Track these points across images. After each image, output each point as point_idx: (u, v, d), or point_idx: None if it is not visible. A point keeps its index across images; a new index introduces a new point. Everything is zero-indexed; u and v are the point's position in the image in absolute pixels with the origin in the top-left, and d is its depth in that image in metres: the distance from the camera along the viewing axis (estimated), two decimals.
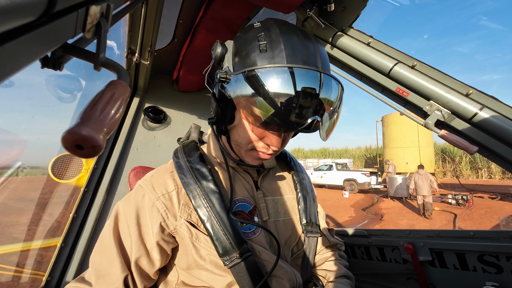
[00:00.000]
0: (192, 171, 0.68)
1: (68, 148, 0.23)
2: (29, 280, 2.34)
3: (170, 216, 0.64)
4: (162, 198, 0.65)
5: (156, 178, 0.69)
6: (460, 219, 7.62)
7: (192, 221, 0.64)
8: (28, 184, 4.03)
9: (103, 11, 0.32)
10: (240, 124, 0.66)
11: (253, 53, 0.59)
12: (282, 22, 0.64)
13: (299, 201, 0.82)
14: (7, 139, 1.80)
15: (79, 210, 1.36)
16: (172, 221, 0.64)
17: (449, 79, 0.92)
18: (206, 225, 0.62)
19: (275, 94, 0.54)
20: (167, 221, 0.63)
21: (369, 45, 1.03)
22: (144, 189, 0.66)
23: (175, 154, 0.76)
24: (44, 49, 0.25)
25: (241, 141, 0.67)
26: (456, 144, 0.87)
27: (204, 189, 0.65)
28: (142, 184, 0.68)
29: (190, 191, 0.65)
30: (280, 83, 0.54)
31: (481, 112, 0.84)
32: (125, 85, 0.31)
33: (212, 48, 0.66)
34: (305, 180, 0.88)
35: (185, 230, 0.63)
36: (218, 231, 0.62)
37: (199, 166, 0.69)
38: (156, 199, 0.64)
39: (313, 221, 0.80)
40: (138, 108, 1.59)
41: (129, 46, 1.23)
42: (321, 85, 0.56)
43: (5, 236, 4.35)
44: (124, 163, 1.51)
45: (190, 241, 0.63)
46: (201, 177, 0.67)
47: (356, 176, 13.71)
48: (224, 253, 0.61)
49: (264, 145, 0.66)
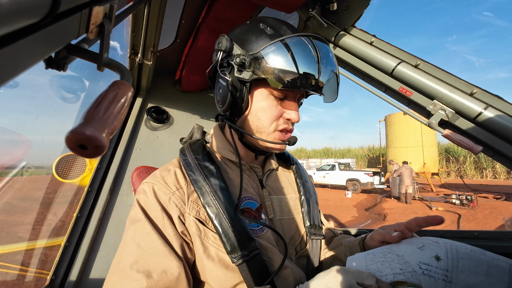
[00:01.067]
0: (200, 168, 0.69)
1: (71, 148, 0.24)
2: (33, 279, 2.37)
3: (183, 211, 0.64)
4: (177, 193, 0.65)
5: (167, 175, 0.69)
6: (464, 220, 7.56)
7: (201, 218, 0.65)
8: (32, 183, 4.07)
9: (106, 12, 0.32)
10: (257, 107, 0.69)
11: (262, 35, 0.66)
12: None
13: (302, 204, 0.82)
14: (12, 139, 1.82)
15: (83, 210, 1.37)
16: (186, 216, 0.64)
17: (453, 78, 0.91)
18: (214, 222, 0.63)
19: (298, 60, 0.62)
20: (184, 214, 0.64)
21: (372, 45, 1.03)
22: (156, 185, 0.67)
23: (181, 152, 0.76)
24: (48, 50, 0.25)
25: (263, 124, 0.69)
26: (460, 144, 0.86)
27: (213, 186, 0.65)
28: (153, 180, 0.68)
29: (198, 188, 0.65)
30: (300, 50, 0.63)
31: (486, 112, 0.83)
32: (128, 85, 0.31)
33: (217, 42, 0.70)
34: (308, 183, 0.88)
35: (193, 227, 0.63)
36: (227, 228, 0.62)
37: (207, 164, 0.70)
38: (171, 194, 0.65)
39: (317, 224, 0.81)
40: (141, 108, 1.60)
41: (132, 47, 1.24)
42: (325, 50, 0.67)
43: (10, 235, 4.39)
44: (127, 163, 1.51)
45: (198, 239, 0.63)
46: (210, 174, 0.68)
47: (359, 176, 13.65)
48: (232, 250, 0.61)
49: (285, 120, 0.70)
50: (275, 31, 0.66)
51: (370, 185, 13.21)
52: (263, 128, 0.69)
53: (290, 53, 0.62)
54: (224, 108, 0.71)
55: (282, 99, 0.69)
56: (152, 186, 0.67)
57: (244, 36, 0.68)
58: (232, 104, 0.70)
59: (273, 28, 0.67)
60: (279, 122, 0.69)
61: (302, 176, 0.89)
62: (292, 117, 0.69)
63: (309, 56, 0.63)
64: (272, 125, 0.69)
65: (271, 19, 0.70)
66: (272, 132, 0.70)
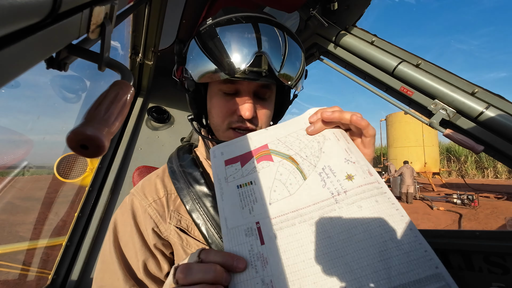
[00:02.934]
0: (184, 175, 0.67)
1: (73, 148, 0.24)
2: (35, 278, 2.38)
3: (162, 221, 0.64)
4: (153, 204, 0.65)
5: (147, 185, 0.69)
6: (465, 219, 7.54)
7: (182, 226, 0.64)
8: (34, 183, 4.08)
9: (107, 12, 0.32)
10: (211, 104, 0.66)
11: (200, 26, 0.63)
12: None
13: None
14: (13, 139, 1.83)
15: (84, 209, 1.37)
16: (164, 226, 0.64)
17: (454, 77, 0.91)
18: (201, 228, 0.61)
19: (215, 50, 0.57)
20: (159, 226, 0.64)
21: (373, 44, 1.03)
22: (136, 196, 0.67)
23: (169, 159, 0.75)
24: (49, 50, 0.25)
25: (216, 121, 0.65)
26: (462, 144, 0.86)
27: (197, 193, 0.64)
28: (134, 192, 0.69)
29: (183, 196, 0.65)
30: (215, 39, 0.58)
31: (487, 111, 0.83)
32: (129, 85, 0.31)
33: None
34: None
35: (175, 236, 0.63)
36: (213, 235, 0.61)
37: (191, 170, 0.68)
38: (148, 206, 0.65)
39: None
40: (142, 108, 1.60)
41: (133, 47, 1.24)
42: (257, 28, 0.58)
43: (12, 235, 4.41)
44: (128, 162, 1.52)
45: (180, 247, 0.63)
46: (194, 181, 0.66)
47: None
48: None
49: (238, 117, 0.63)
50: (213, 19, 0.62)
51: None
52: (217, 127, 0.66)
53: (210, 44, 0.58)
54: (190, 107, 0.71)
55: (233, 94, 0.63)
56: (132, 198, 0.68)
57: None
58: (191, 104, 0.69)
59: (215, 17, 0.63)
60: (232, 119, 0.63)
61: None
62: (242, 113, 0.61)
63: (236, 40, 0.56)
64: (224, 122, 0.64)
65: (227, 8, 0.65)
66: (225, 130, 0.65)
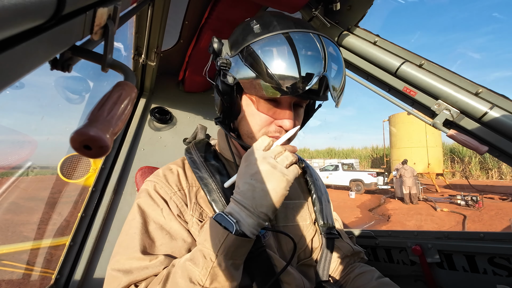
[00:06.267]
0: (206, 165, 0.68)
1: (76, 149, 0.24)
2: (39, 277, 2.39)
3: (187, 210, 0.64)
4: (178, 193, 0.65)
5: (170, 175, 0.69)
6: (469, 221, 7.47)
7: (204, 219, 0.64)
8: (38, 183, 4.12)
9: (110, 13, 0.32)
10: (248, 112, 0.65)
11: (248, 35, 0.60)
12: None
13: (314, 203, 0.80)
14: (18, 140, 1.84)
15: (87, 210, 1.38)
16: (188, 216, 0.64)
17: (458, 77, 0.90)
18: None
19: (275, 62, 0.55)
20: (184, 215, 0.64)
21: (375, 44, 1.02)
22: (160, 184, 0.66)
23: (187, 150, 0.76)
24: (53, 51, 0.25)
25: (252, 130, 0.64)
26: (466, 144, 0.85)
27: (219, 183, 0.65)
28: (155, 180, 0.68)
29: (205, 185, 0.65)
30: (278, 50, 0.55)
31: (491, 111, 0.82)
32: (132, 86, 0.31)
33: (209, 45, 0.67)
34: (318, 181, 0.87)
35: (196, 229, 0.63)
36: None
37: (213, 162, 0.69)
38: (173, 194, 0.65)
39: (330, 223, 0.78)
40: (144, 109, 1.61)
41: (136, 48, 1.24)
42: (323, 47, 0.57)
43: (16, 235, 4.44)
44: (131, 163, 1.52)
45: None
46: (216, 171, 0.67)
47: (362, 177, 13.56)
48: None
49: (277, 128, 0.63)
50: (264, 28, 0.59)
51: (374, 186, 13.11)
52: (251, 134, 0.65)
53: (271, 54, 0.55)
54: (218, 111, 0.71)
55: (272, 101, 0.62)
56: (154, 184, 0.67)
57: (234, 36, 0.64)
58: (224, 108, 0.68)
59: (264, 25, 0.60)
60: (269, 129, 0.64)
61: (312, 174, 0.87)
62: (283, 124, 0.62)
63: (293, 57, 0.54)
64: (261, 131, 0.64)
65: (270, 14, 0.64)
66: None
